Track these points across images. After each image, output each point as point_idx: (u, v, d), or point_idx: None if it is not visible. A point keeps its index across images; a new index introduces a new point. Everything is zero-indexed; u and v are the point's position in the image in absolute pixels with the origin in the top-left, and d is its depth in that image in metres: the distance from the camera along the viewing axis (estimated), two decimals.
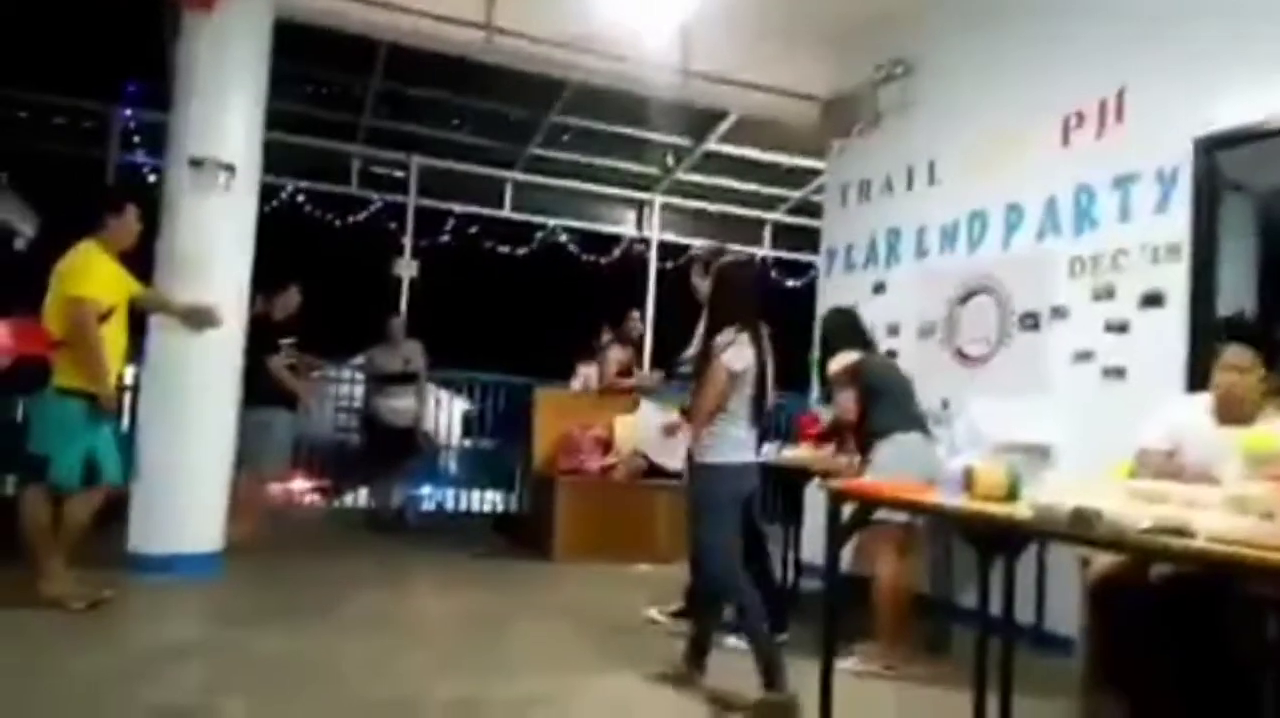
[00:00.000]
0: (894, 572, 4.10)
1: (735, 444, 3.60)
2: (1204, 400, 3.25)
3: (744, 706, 3.42)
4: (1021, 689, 2.90)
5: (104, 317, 4.34)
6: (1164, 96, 4.49)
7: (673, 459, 4.18)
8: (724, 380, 3.53)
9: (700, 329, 3.89)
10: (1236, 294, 4.46)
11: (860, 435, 4.32)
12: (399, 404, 7.51)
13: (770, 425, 3.68)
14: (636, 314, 8.27)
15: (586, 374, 7.65)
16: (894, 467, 3.92)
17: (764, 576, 4.24)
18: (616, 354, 7.58)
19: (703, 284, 4.70)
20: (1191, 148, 4.34)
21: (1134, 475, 3.03)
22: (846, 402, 4.31)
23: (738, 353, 3.53)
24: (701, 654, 3.72)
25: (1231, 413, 3.10)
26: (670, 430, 4.59)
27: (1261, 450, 2.52)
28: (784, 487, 5.56)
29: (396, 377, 7.53)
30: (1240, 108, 4.14)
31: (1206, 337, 4.13)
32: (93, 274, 4.35)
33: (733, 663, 3.63)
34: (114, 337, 4.44)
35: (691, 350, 4.26)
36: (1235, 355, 3.11)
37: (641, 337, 8.26)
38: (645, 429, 6.51)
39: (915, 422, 4.32)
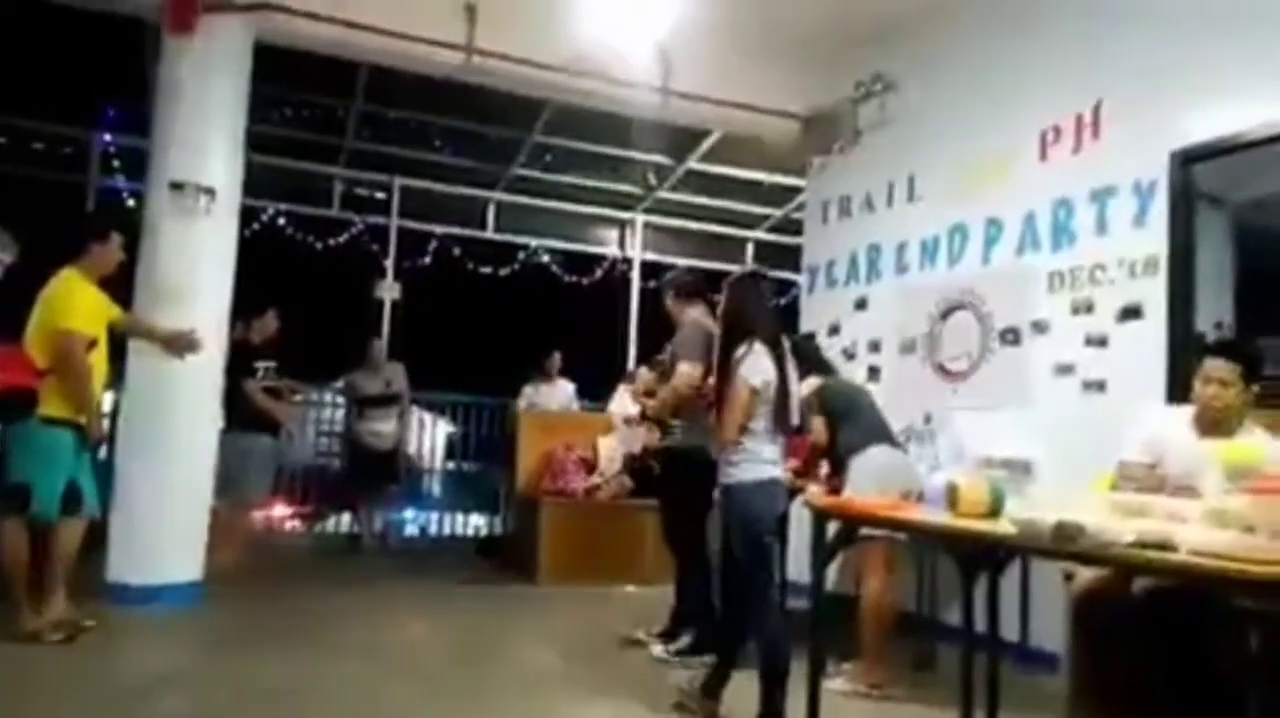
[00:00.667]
0: (880, 589, 4.08)
1: (763, 462, 3.44)
2: (1185, 412, 3.25)
3: None
4: (1007, 706, 2.90)
5: (88, 347, 4.33)
6: (1140, 111, 4.53)
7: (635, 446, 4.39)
8: (745, 397, 3.41)
9: (713, 346, 3.85)
10: (1214, 306, 4.49)
11: (832, 458, 4.37)
12: (380, 427, 7.48)
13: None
14: (557, 354, 8.30)
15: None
16: (869, 482, 3.93)
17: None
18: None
19: (676, 309, 4.74)
20: (1168, 161, 4.38)
21: (1115, 488, 3.03)
22: (817, 425, 4.33)
23: (755, 366, 3.42)
24: (716, 692, 3.58)
25: (1212, 425, 3.10)
26: (629, 422, 4.79)
27: (1241, 463, 2.54)
28: None
29: (377, 399, 7.51)
30: (1216, 121, 4.19)
31: (1185, 349, 4.16)
32: (77, 304, 4.33)
33: (742, 689, 3.51)
34: (98, 365, 4.43)
35: (693, 369, 4.25)
36: (1215, 368, 3.12)
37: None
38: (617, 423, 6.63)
39: (883, 435, 4.35)
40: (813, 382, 4.32)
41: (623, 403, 7.31)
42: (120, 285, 4.86)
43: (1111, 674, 2.91)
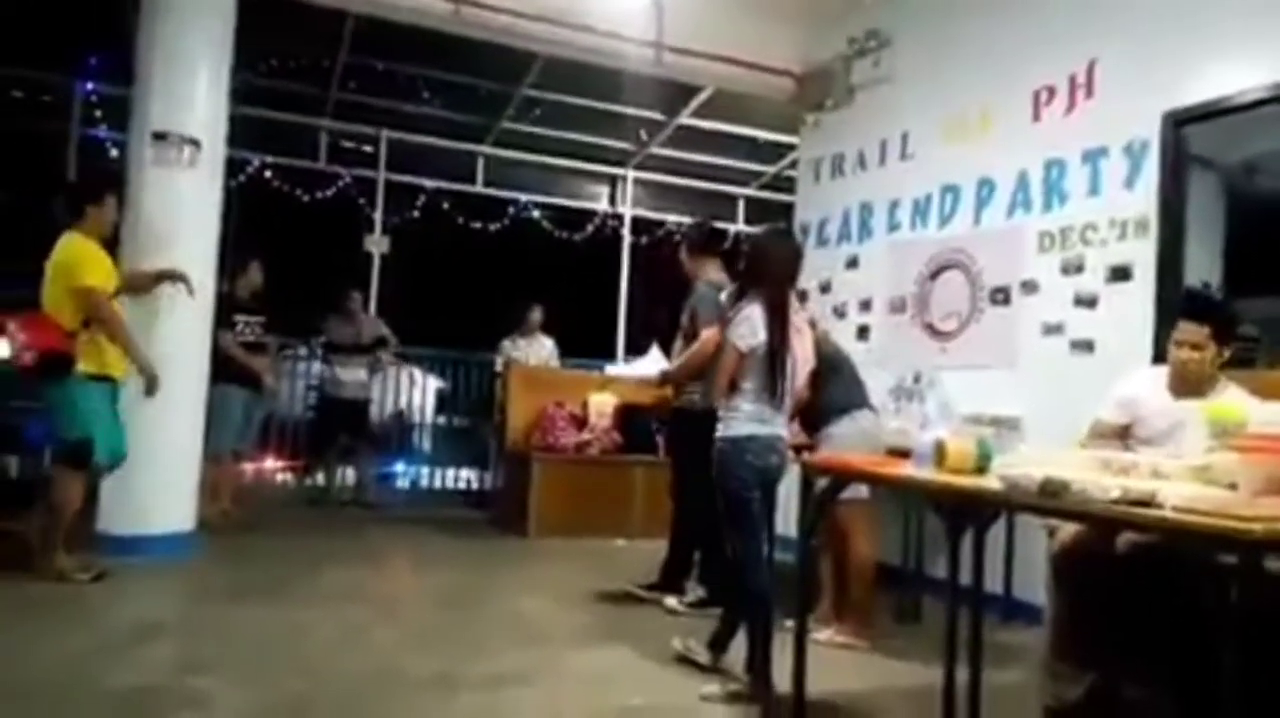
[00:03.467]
0: (866, 549, 4.13)
1: (749, 417, 3.43)
2: (1160, 372, 3.29)
3: (723, 676, 3.46)
4: (990, 657, 2.95)
5: (111, 298, 4.54)
6: (1133, 71, 4.52)
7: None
8: (731, 359, 3.43)
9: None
10: (1203, 268, 4.52)
11: (811, 412, 4.23)
12: (344, 376, 7.48)
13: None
14: (539, 308, 8.12)
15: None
16: (851, 443, 3.97)
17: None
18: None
19: (691, 264, 4.71)
20: (1160, 122, 4.37)
21: (1084, 447, 3.07)
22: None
23: (745, 328, 3.40)
24: (722, 646, 3.61)
25: (1186, 387, 3.14)
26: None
27: (1226, 421, 2.56)
28: None
29: (346, 348, 7.50)
30: (1208, 83, 4.19)
31: (1173, 310, 4.18)
32: (91, 262, 4.49)
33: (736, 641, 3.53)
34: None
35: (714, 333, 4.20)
36: (1187, 331, 3.14)
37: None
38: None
39: (865, 399, 4.36)
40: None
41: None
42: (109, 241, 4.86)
43: (1090, 628, 2.96)
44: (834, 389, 4.25)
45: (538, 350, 7.97)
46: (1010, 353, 4.96)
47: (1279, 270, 4.62)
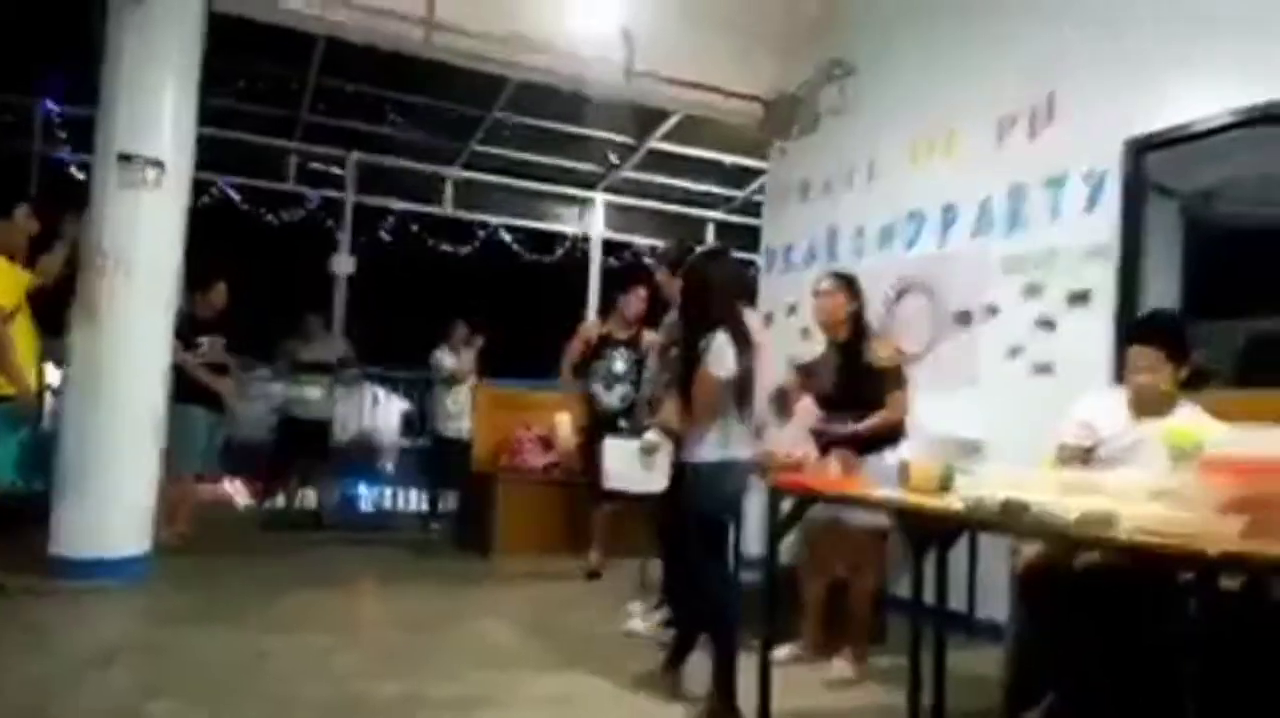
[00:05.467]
0: (876, 577, 4.07)
1: (728, 442, 3.43)
2: (1120, 392, 3.33)
3: (687, 699, 3.44)
4: (954, 676, 2.96)
5: (7, 318, 4.36)
6: (1095, 99, 4.61)
7: (662, 479, 3.88)
8: (715, 389, 3.38)
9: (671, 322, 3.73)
10: (1161, 293, 4.60)
11: (874, 441, 4.02)
12: (307, 394, 7.44)
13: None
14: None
15: None
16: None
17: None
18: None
19: (669, 284, 4.67)
20: (1121, 149, 4.46)
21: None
22: (905, 399, 4.15)
23: (721, 358, 3.37)
24: (680, 660, 3.63)
25: (1146, 407, 3.18)
26: (651, 449, 4.13)
27: (1183, 443, 2.61)
28: None
29: (307, 365, 7.46)
30: (1168, 111, 4.27)
31: (1129, 335, 4.25)
32: None
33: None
34: (21, 336, 4.46)
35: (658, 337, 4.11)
36: (1139, 356, 3.18)
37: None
38: (619, 464, 4.72)
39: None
40: (889, 342, 4.10)
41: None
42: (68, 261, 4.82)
43: (1053, 646, 2.99)
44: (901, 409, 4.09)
45: (468, 359, 7.96)
46: (972, 375, 5.02)
47: (1236, 295, 4.71)
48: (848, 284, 4.20)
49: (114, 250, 5.00)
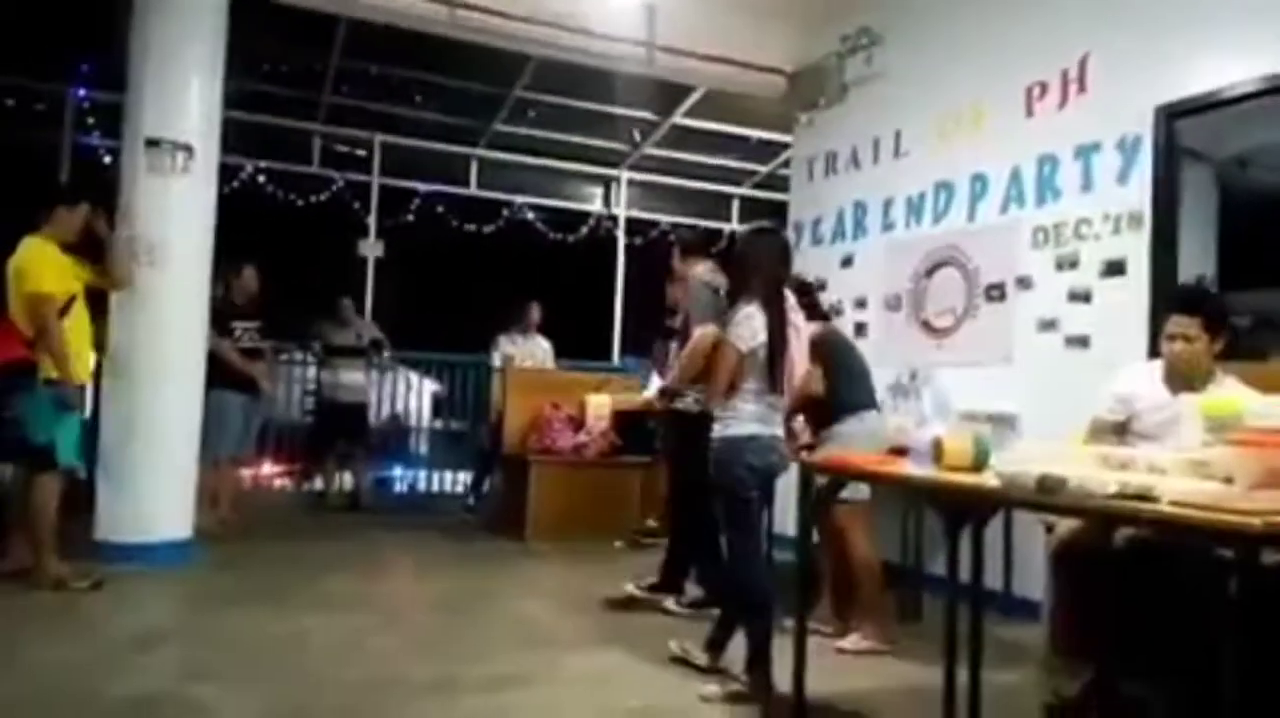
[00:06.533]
0: (869, 550, 4.09)
1: (749, 418, 3.40)
2: (1156, 367, 3.29)
3: (724, 676, 3.46)
4: (990, 654, 2.95)
5: (64, 309, 4.48)
6: (1125, 65, 4.52)
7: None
8: (732, 361, 3.40)
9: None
10: (1197, 262, 4.53)
11: (820, 412, 4.20)
12: (345, 378, 7.48)
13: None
14: (536, 305, 7.97)
15: None
16: (857, 442, 3.94)
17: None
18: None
19: (683, 268, 4.68)
20: (1153, 116, 4.37)
21: (1087, 444, 3.07)
22: (814, 374, 4.21)
23: (745, 329, 3.38)
24: (720, 647, 3.62)
25: (1182, 380, 3.13)
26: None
27: (1222, 415, 2.57)
28: None
29: (343, 350, 7.51)
30: (1200, 76, 4.19)
31: (1167, 304, 4.19)
32: (47, 268, 4.48)
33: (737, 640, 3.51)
34: (79, 326, 4.59)
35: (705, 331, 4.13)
36: (1178, 324, 3.14)
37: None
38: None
39: (873, 400, 4.35)
40: (814, 328, 4.13)
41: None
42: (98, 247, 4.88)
43: (1088, 623, 2.97)
44: (850, 388, 4.20)
45: (533, 350, 7.88)
46: (1005, 349, 4.97)
47: (1273, 263, 4.63)
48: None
49: (145, 236, 5.05)
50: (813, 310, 4.26)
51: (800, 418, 4.28)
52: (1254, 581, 2.00)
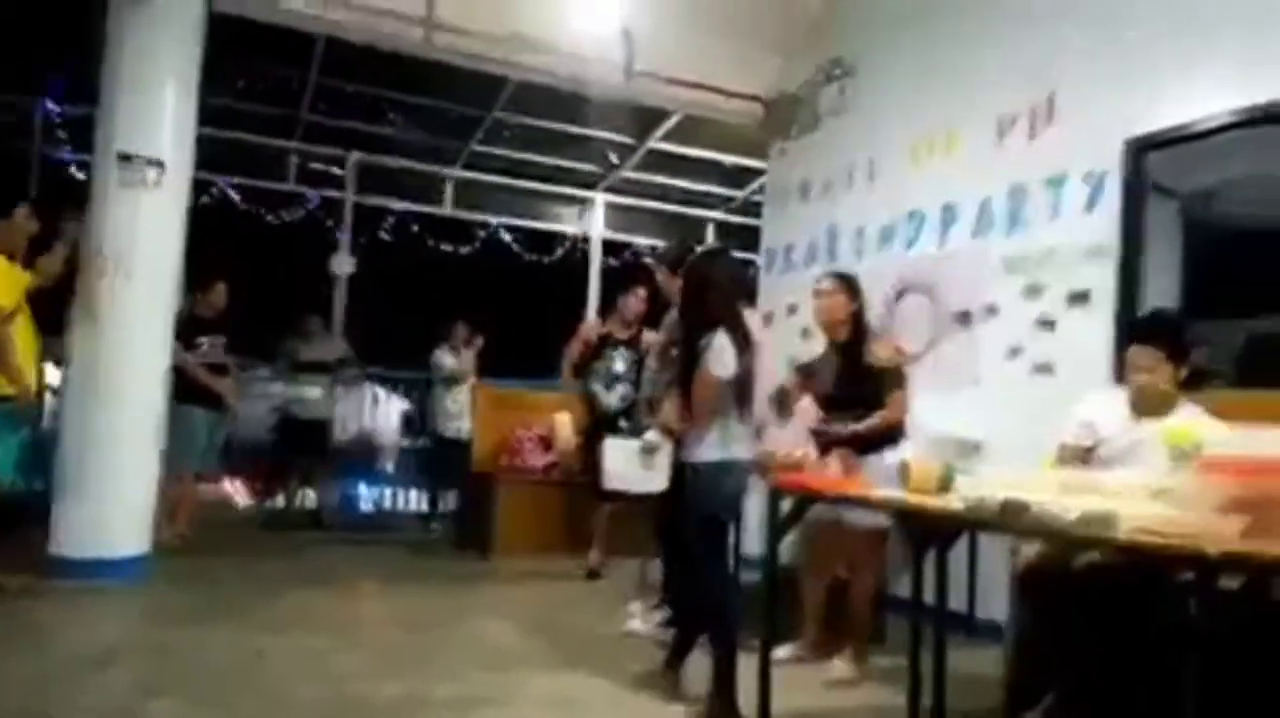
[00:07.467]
0: (874, 576, 4.06)
1: (729, 442, 3.42)
2: (1121, 392, 3.33)
3: (687, 699, 3.44)
4: (954, 676, 2.96)
5: (7, 318, 4.38)
6: (1095, 99, 4.61)
7: (662, 479, 3.86)
8: (715, 389, 3.38)
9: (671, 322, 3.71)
10: (1161, 293, 4.60)
11: (871, 442, 3.99)
12: (306, 394, 7.44)
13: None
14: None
15: None
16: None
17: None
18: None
19: (668, 284, 4.66)
20: (1121, 149, 4.46)
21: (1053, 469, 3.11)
22: (903, 399, 4.12)
23: (720, 358, 3.36)
24: (680, 659, 3.63)
25: (1148, 408, 3.18)
26: (651, 449, 4.08)
27: (1183, 444, 2.62)
28: None
29: (307, 365, 7.46)
30: (1168, 111, 4.27)
31: (1130, 334, 4.25)
32: None
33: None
34: (22, 336, 4.50)
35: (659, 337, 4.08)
36: (1139, 355, 3.19)
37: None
38: (620, 464, 4.60)
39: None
40: (889, 342, 4.04)
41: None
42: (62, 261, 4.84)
43: (1051, 646, 2.99)
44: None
45: (468, 359, 7.94)
46: (973, 375, 5.02)
47: (1236, 295, 4.71)
48: (848, 284, 4.20)
49: (114, 251, 5.00)
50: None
51: (807, 398, 4.23)
52: (1212, 604, 2.03)
